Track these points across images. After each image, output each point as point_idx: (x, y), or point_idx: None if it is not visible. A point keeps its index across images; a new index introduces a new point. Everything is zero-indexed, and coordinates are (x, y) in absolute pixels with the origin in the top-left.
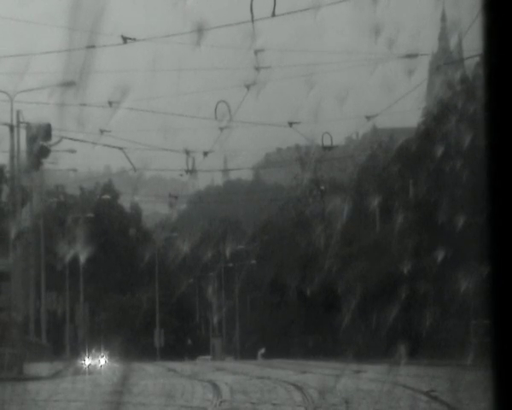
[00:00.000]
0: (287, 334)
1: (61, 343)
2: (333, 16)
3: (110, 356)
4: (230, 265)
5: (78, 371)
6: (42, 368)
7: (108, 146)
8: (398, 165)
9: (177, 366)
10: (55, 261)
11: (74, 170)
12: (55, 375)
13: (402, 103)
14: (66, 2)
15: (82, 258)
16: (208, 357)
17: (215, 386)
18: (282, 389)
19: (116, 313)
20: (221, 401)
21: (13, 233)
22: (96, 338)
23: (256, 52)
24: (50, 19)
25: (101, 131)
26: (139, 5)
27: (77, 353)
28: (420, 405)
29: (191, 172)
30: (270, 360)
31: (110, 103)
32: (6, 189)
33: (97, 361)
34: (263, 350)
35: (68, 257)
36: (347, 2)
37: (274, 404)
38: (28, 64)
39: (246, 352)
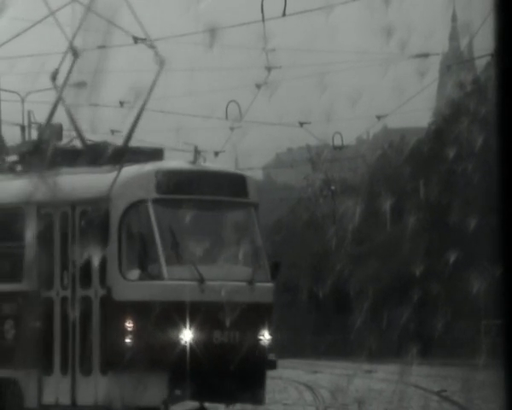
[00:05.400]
0: (298, 334)
1: None
2: (344, 17)
3: None
4: None
5: None
6: None
7: (120, 147)
8: (409, 165)
9: None
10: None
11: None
12: None
13: (413, 103)
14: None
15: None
16: None
17: None
18: (293, 388)
19: None
20: None
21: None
22: None
23: (267, 52)
24: (63, 19)
25: (112, 132)
26: (152, 6)
27: None
28: (431, 405)
29: None
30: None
31: (121, 104)
32: None
33: None
34: None
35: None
36: (359, 2)
37: (285, 404)
38: (43, 65)
39: None
